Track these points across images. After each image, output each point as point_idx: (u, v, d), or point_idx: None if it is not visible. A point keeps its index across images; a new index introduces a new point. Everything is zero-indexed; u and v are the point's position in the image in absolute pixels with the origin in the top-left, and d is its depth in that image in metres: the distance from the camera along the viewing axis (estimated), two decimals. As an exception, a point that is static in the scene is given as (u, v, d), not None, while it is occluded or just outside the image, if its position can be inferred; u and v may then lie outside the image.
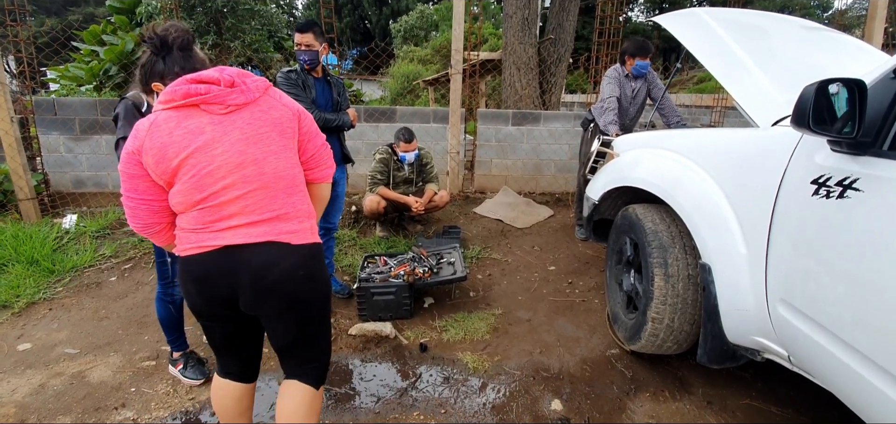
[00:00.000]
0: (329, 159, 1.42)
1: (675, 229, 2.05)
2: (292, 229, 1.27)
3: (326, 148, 1.40)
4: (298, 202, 1.30)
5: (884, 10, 5.00)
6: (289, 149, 1.28)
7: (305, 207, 1.32)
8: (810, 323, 1.38)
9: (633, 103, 3.76)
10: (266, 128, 1.23)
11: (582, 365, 2.28)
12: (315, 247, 1.34)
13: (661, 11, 25.51)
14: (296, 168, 1.30)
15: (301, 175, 1.33)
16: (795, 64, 2.25)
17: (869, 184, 1.22)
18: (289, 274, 1.26)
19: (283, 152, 1.26)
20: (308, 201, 1.35)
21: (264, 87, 1.28)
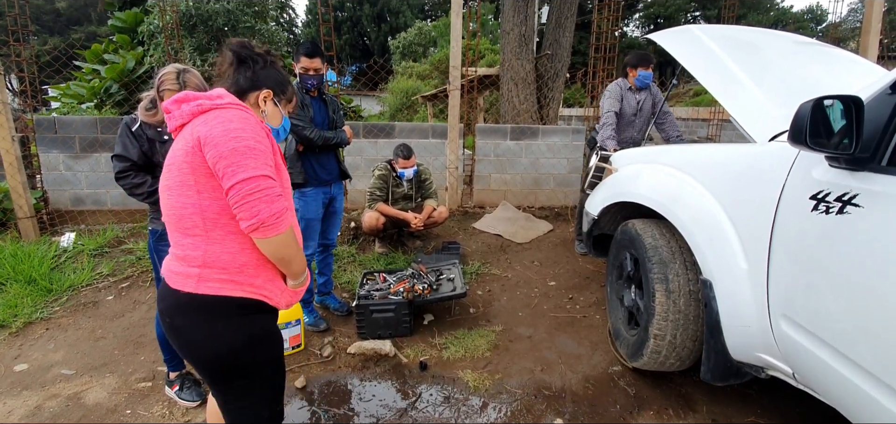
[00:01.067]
0: (252, 206, 1.07)
1: (675, 245, 2.05)
2: (177, 270, 1.15)
3: (248, 192, 1.06)
4: (193, 246, 1.13)
5: (878, 23, 5.06)
6: (185, 185, 1.11)
7: (200, 253, 1.12)
8: (813, 339, 1.37)
9: (639, 115, 3.73)
10: (174, 158, 1.13)
11: (584, 383, 2.25)
12: (191, 299, 1.12)
13: (655, 26, 25.88)
14: (193, 208, 1.11)
15: (202, 216, 1.11)
16: (790, 78, 2.27)
17: (869, 200, 1.22)
18: (163, 318, 1.19)
19: (177, 188, 1.12)
20: (211, 247, 1.12)
21: (193, 111, 1.14)
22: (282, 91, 1.34)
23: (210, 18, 7.75)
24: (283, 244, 1.14)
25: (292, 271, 1.22)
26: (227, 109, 1.14)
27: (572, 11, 5.82)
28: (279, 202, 1.10)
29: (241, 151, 1.07)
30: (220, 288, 1.13)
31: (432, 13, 29.65)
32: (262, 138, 1.14)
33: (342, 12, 27.57)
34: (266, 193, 1.08)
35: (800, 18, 26.04)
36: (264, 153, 1.12)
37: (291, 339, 2.46)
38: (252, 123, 1.14)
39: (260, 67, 1.29)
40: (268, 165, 1.11)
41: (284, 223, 1.11)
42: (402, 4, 27.87)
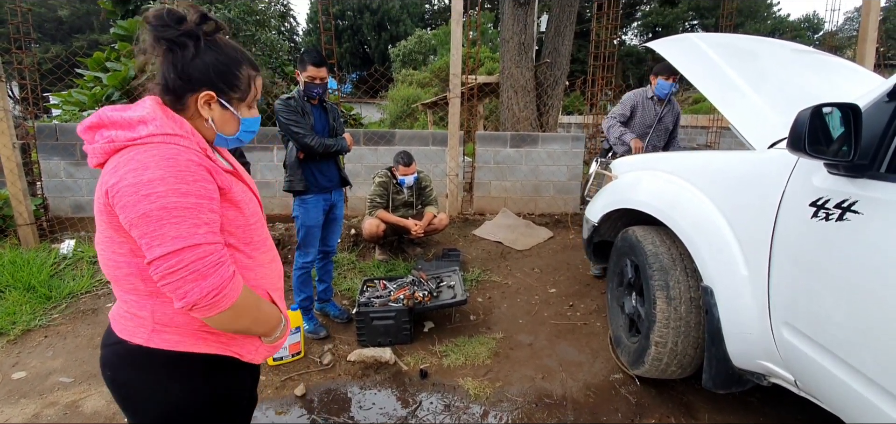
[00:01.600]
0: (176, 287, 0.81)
1: (676, 252, 2.05)
2: (126, 313, 0.93)
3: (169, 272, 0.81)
4: (138, 305, 0.92)
5: (874, 31, 5.10)
6: (113, 242, 0.89)
7: (148, 313, 0.91)
8: (815, 346, 1.37)
9: (656, 128, 3.60)
10: (96, 206, 0.89)
11: (585, 391, 2.24)
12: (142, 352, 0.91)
13: (654, 35, 26.06)
14: (128, 268, 0.89)
15: (141, 277, 0.89)
16: (788, 86, 2.28)
17: (868, 206, 1.22)
18: (104, 369, 0.97)
19: (107, 244, 0.90)
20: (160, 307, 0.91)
21: (104, 150, 0.85)
22: (230, 85, 0.97)
23: (211, 27, 7.80)
24: (230, 320, 0.89)
25: (258, 334, 1.00)
26: (145, 146, 0.84)
27: (571, 20, 5.87)
28: (215, 276, 0.83)
29: (154, 216, 0.80)
30: (180, 342, 0.92)
31: (432, 22, 29.85)
32: (193, 184, 0.84)
33: (343, 21, 27.76)
34: (193, 269, 0.81)
35: (797, 27, 26.24)
36: (193, 209, 0.83)
37: (291, 346, 2.46)
38: (179, 166, 0.83)
39: (191, 55, 0.92)
40: (199, 224, 0.83)
41: (226, 300, 0.85)
42: (403, 13, 28.08)
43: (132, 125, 0.85)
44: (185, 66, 0.91)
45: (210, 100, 0.95)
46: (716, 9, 17.77)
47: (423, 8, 30.61)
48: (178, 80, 0.92)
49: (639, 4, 27.56)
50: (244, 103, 1.01)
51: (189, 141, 0.89)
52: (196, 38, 0.92)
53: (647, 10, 27.61)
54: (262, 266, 1.02)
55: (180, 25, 0.91)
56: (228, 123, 1.00)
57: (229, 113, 0.99)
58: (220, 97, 0.96)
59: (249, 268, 0.98)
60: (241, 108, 1.01)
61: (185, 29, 0.91)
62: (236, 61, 0.97)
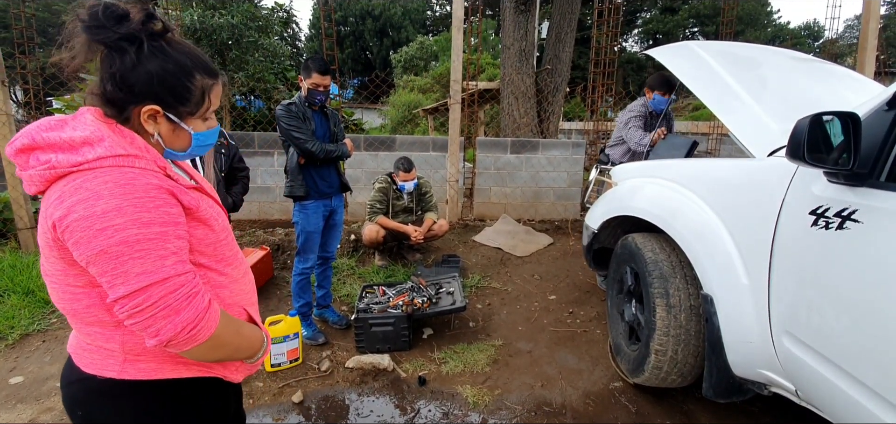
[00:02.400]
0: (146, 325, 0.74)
1: (676, 259, 2.04)
2: (90, 346, 0.84)
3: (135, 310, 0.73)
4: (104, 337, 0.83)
5: (874, 39, 5.11)
6: (66, 276, 0.79)
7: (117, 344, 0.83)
8: (816, 356, 1.36)
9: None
10: (43, 238, 0.78)
11: (585, 399, 2.23)
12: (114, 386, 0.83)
13: (654, 42, 26.14)
14: (89, 302, 0.80)
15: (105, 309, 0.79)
16: (788, 94, 2.28)
17: (868, 215, 1.22)
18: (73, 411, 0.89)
19: (60, 279, 0.80)
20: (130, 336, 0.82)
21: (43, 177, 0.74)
22: (180, 98, 0.83)
23: (214, 32, 7.84)
24: (209, 352, 0.83)
25: (239, 358, 0.94)
26: (94, 171, 0.73)
27: (572, 27, 5.89)
28: (188, 309, 0.76)
29: (114, 252, 0.71)
30: (157, 369, 0.84)
31: (434, 28, 29.99)
32: (156, 211, 0.75)
33: (345, 27, 27.93)
34: (164, 305, 0.74)
35: (797, 34, 26.31)
36: (158, 240, 0.74)
37: (289, 353, 2.45)
38: (136, 193, 0.73)
39: (131, 62, 0.78)
40: (165, 255, 0.75)
41: (203, 332, 0.78)
42: (405, 19, 28.23)
43: (75, 147, 0.73)
44: (125, 74, 0.78)
45: (155, 114, 0.82)
46: (716, 16, 17.84)
47: (425, 14, 30.77)
48: (118, 91, 0.78)
49: (639, 12, 27.67)
50: (197, 117, 0.88)
51: (146, 161, 0.78)
52: (138, 42, 0.78)
53: (647, 17, 27.72)
54: (235, 282, 0.95)
55: (119, 26, 0.77)
56: (178, 138, 0.87)
57: (180, 129, 0.86)
58: (168, 111, 0.83)
59: (224, 285, 0.92)
60: (194, 122, 0.87)
61: (125, 31, 0.77)
62: (186, 70, 0.83)
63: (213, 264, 0.90)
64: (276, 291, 3.48)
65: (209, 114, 0.91)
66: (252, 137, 5.08)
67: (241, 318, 0.96)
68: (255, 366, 1.01)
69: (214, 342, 0.82)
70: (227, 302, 0.92)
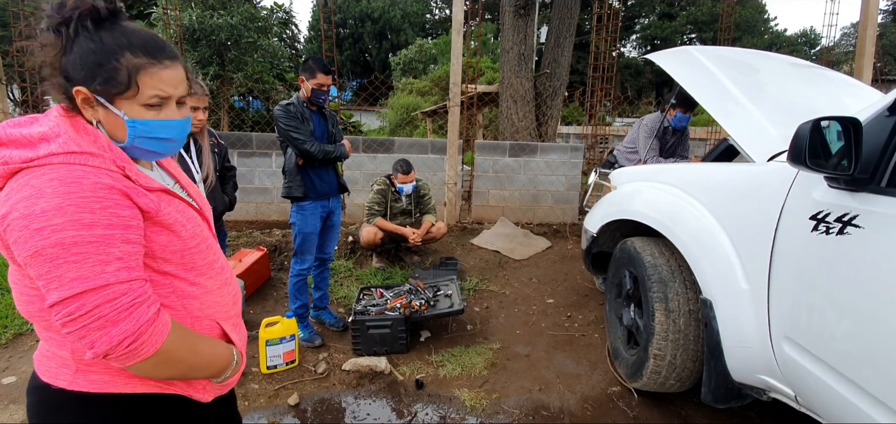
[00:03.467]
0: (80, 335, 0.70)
1: (675, 263, 2.03)
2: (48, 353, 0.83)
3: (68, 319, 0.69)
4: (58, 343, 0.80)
5: (872, 46, 5.14)
6: (22, 277, 0.77)
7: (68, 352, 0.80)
8: (816, 361, 1.35)
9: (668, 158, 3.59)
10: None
11: (583, 404, 2.22)
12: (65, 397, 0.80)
13: (652, 47, 26.27)
14: (33, 301, 0.78)
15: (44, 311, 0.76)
16: (787, 99, 2.29)
17: (869, 220, 1.21)
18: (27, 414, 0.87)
19: (16, 280, 0.78)
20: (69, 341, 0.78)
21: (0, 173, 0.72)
22: (106, 80, 0.77)
23: (213, 33, 7.83)
24: (156, 368, 0.77)
25: (200, 377, 0.87)
26: (42, 167, 0.71)
27: (571, 31, 5.90)
28: (128, 321, 0.70)
29: (49, 254, 0.67)
30: (110, 382, 0.79)
31: (433, 31, 30.06)
32: (101, 212, 0.70)
33: (344, 29, 27.96)
34: (99, 315, 0.69)
35: (794, 42, 26.51)
36: (99, 243, 0.69)
37: (285, 355, 2.43)
38: (82, 192, 0.70)
39: (62, 45, 0.76)
40: (107, 261, 0.70)
41: (145, 347, 0.72)
42: (404, 22, 28.28)
43: (32, 143, 0.72)
44: (57, 57, 0.76)
45: (87, 99, 0.77)
46: (714, 23, 17.94)
47: (425, 17, 30.84)
48: (57, 75, 0.77)
49: (638, 17, 27.83)
50: (132, 101, 0.79)
51: (101, 159, 0.74)
52: (68, 23, 0.75)
53: (645, 23, 27.87)
54: (210, 293, 0.89)
55: (59, 11, 0.75)
56: (116, 126, 0.80)
57: (112, 114, 0.79)
58: (97, 95, 0.77)
59: (194, 296, 0.87)
60: (131, 107, 0.79)
61: (61, 15, 0.75)
62: (111, 50, 0.77)
63: (181, 272, 0.85)
64: (272, 292, 3.45)
65: (153, 100, 0.80)
66: (250, 138, 5.06)
67: (213, 332, 0.91)
68: (225, 386, 0.94)
69: (162, 358, 0.75)
70: (196, 314, 0.87)
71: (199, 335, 0.86)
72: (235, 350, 0.92)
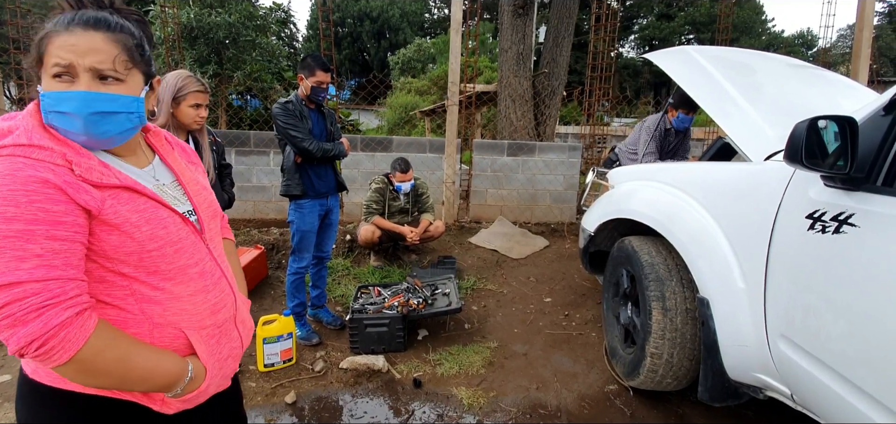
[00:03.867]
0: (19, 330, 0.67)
1: (672, 262, 2.04)
2: None
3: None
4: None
5: (868, 48, 5.16)
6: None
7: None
8: (812, 360, 1.36)
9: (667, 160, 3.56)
10: None
11: (580, 402, 2.22)
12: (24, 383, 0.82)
13: (650, 48, 26.32)
14: None
15: None
16: (784, 99, 2.29)
17: (865, 219, 1.22)
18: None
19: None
20: None
21: None
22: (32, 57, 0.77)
23: (211, 31, 7.81)
24: (78, 375, 0.73)
25: (140, 391, 0.82)
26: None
27: (569, 31, 5.91)
28: (36, 323, 0.67)
29: None
30: (60, 378, 0.77)
31: (432, 31, 30.06)
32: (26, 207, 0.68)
33: (343, 28, 27.90)
34: (7, 313, 0.66)
35: (791, 43, 26.60)
36: (17, 238, 0.67)
37: (283, 353, 2.42)
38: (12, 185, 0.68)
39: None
40: (24, 257, 0.67)
41: (58, 353, 0.68)
42: (403, 21, 28.26)
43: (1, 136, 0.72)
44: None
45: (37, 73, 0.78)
46: (712, 24, 17.97)
47: (423, 17, 30.83)
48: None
49: (636, 17, 27.86)
50: (47, 74, 0.76)
51: (48, 152, 0.72)
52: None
53: (644, 23, 27.91)
54: (177, 299, 0.84)
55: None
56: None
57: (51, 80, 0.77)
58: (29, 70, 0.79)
59: (156, 301, 0.82)
60: (45, 80, 0.77)
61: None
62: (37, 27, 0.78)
63: (141, 276, 0.80)
64: (270, 290, 3.45)
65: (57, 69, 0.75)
66: (248, 136, 5.05)
67: (176, 340, 0.85)
68: (188, 401, 0.86)
69: (82, 366, 0.71)
70: (156, 321, 0.82)
71: (137, 346, 0.79)
72: (192, 364, 0.85)
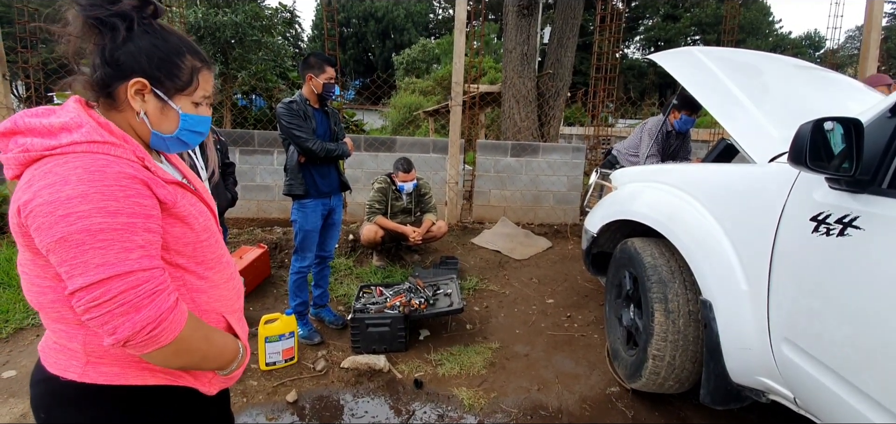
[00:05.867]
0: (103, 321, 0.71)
1: (675, 264, 2.03)
2: (56, 345, 0.82)
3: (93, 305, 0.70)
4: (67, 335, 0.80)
5: (876, 49, 5.12)
6: (35, 266, 0.78)
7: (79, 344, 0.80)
8: (815, 364, 1.35)
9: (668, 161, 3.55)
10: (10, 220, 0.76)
11: (581, 404, 2.21)
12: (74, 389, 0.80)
13: (656, 49, 26.21)
14: (54, 295, 0.78)
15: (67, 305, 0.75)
16: (789, 101, 2.28)
17: (870, 222, 1.21)
18: (36, 413, 0.86)
19: (28, 269, 0.79)
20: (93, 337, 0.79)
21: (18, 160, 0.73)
22: (168, 74, 0.83)
23: (218, 30, 7.84)
24: (172, 357, 0.78)
25: (208, 369, 0.90)
26: (65, 156, 0.71)
27: (574, 32, 5.90)
28: (151, 307, 0.72)
29: (74, 240, 0.68)
30: (120, 374, 0.81)
31: (436, 31, 30.08)
32: (125, 201, 0.72)
33: (347, 28, 28.00)
34: (123, 301, 0.70)
35: (798, 44, 26.42)
36: (123, 231, 0.71)
37: (284, 352, 2.43)
38: (106, 180, 0.71)
39: (121, 38, 0.79)
40: (130, 248, 0.72)
41: (164, 334, 0.74)
42: (407, 22, 28.32)
43: (53, 132, 0.73)
44: (113, 50, 0.79)
45: (142, 89, 0.81)
46: (718, 24, 17.90)
47: (428, 17, 30.86)
48: (106, 66, 0.79)
49: (641, 18, 27.74)
50: (187, 97, 0.87)
51: (122, 149, 0.76)
52: (129, 19, 0.79)
53: (649, 24, 27.79)
54: (216, 287, 0.91)
55: (112, 4, 0.78)
56: (166, 118, 0.85)
57: (168, 107, 0.85)
58: (156, 87, 0.82)
59: (202, 289, 0.88)
60: (183, 102, 0.86)
61: (118, 9, 0.78)
62: (177, 49, 0.84)
63: (191, 265, 0.86)
64: (272, 289, 3.46)
65: (200, 99, 0.89)
66: (252, 136, 5.07)
67: (219, 325, 0.92)
68: (230, 379, 0.96)
69: (178, 346, 0.77)
70: (203, 308, 0.88)
71: (210, 327, 0.88)
72: (241, 344, 0.94)
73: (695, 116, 3.47)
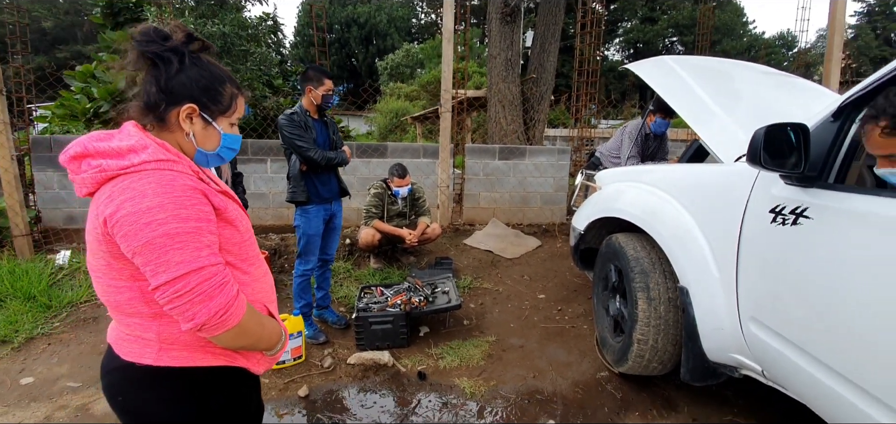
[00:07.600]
0: (184, 310, 0.84)
1: (655, 256, 2.22)
2: (128, 335, 0.95)
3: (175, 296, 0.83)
4: (142, 327, 0.93)
5: (840, 51, 5.43)
6: (112, 270, 0.90)
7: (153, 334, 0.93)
8: (778, 338, 1.54)
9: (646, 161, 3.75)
10: (91, 235, 0.90)
11: (574, 388, 2.39)
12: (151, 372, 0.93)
13: (635, 50, 26.76)
14: (130, 294, 0.90)
15: (144, 301, 0.90)
16: (757, 106, 2.50)
17: (818, 212, 1.40)
18: (113, 398, 0.99)
19: (104, 273, 0.91)
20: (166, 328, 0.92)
21: (95, 179, 0.87)
22: (213, 100, 0.99)
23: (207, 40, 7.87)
24: (236, 337, 0.92)
25: (260, 349, 1.03)
26: (139, 173, 0.85)
27: (556, 36, 6.11)
28: (221, 295, 0.87)
29: (158, 244, 0.82)
30: (189, 357, 0.95)
31: (419, 36, 30.24)
32: (192, 209, 0.86)
33: (331, 34, 27.93)
34: (199, 291, 0.84)
35: (771, 44, 27.28)
36: (194, 234, 0.86)
37: (293, 351, 2.55)
38: (175, 192, 0.85)
39: (174, 70, 0.94)
40: (201, 247, 0.86)
41: (232, 318, 0.88)
42: (390, 27, 28.40)
43: (122, 154, 0.86)
44: (168, 80, 0.93)
45: (192, 113, 0.96)
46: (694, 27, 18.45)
47: (411, 22, 30.99)
48: (160, 93, 0.93)
49: (620, 21, 28.33)
50: (226, 119, 1.02)
51: (181, 165, 0.91)
52: (181, 54, 0.95)
53: (628, 27, 28.38)
54: (257, 281, 1.05)
55: (166, 41, 0.93)
56: (210, 138, 1.01)
57: (211, 128, 1.00)
58: (203, 111, 0.98)
59: (247, 284, 1.01)
60: (223, 123, 1.02)
61: (171, 45, 0.94)
62: (220, 78, 1.00)
63: (238, 262, 1.00)
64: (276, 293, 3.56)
65: (236, 120, 1.05)
66: (245, 145, 5.14)
67: (263, 313, 1.06)
68: (274, 359, 1.10)
69: (241, 329, 0.91)
70: (250, 299, 1.01)
71: (261, 313, 1.02)
72: (282, 328, 1.09)
73: (669, 120, 3.69)
